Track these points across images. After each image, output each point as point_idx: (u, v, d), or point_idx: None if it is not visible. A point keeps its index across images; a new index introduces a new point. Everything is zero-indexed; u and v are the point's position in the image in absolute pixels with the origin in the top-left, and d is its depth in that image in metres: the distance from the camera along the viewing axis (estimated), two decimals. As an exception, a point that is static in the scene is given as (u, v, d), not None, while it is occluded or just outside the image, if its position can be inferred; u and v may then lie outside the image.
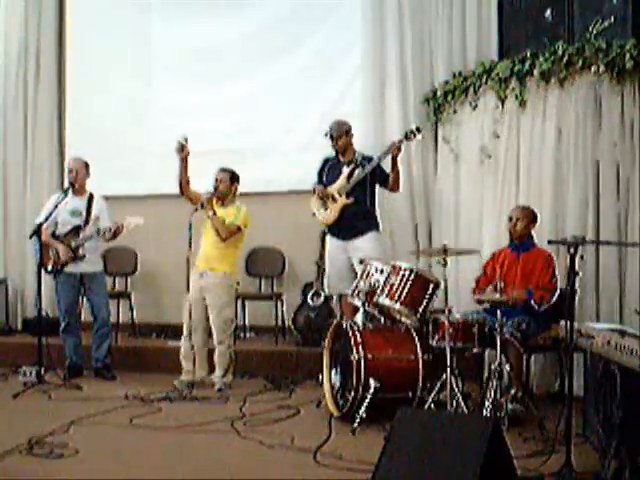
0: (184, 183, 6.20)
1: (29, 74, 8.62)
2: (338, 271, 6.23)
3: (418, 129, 6.25)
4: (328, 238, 6.39)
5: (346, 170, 6.24)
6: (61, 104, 8.74)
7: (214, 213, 6.09)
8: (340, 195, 6.19)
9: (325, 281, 6.48)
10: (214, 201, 6.15)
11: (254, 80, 8.07)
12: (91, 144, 7.96)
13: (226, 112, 8.07)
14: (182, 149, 6.07)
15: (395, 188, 6.33)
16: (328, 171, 6.35)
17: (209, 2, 8.26)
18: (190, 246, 6.00)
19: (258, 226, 6.50)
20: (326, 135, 6.26)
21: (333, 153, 6.38)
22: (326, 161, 6.43)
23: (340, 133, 6.23)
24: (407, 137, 6.19)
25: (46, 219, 6.31)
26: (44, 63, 8.64)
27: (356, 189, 6.18)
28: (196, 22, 8.25)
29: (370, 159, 6.24)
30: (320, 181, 6.38)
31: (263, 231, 7.33)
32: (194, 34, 8.24)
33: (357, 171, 6.19)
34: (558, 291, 5.26)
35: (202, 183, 6.26)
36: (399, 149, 6.09)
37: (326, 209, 6.26)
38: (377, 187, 6.33)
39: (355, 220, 6.18)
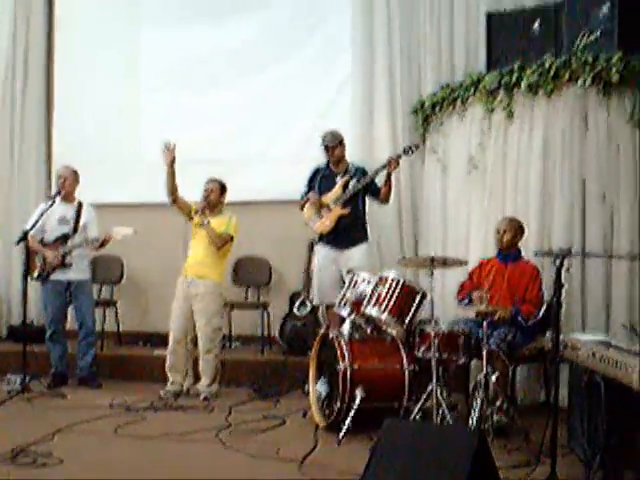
0: (172, 190, 6.17)
1: (16, 81, 8.58)
2: (328, 281, 6.22)
3: (417, 146, 6.31)
4: (319, 248, 6.38)
5: (340, 180, 6.26)
6: (49, 111, 8.71)
7: (208, 222, 6.10)
8: (336, 205, 6.20)
9: (315, 291, 6.47)
10: (206, 210, 6.16)
11: (243, 89, 8.07)
12: (79, 152, 7.95)
13: (215, 121, 8.06)
14: (168, 153, 6.05)
15: (386, 201, 6.36)
16: (321, 181, 6.35)
17: (198, 11, 8.25)
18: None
19: (245, 235, 6.49)
20: (322, 145, 6.27)
21: (323, 163, 6.38)
22: (317, 171, 6.43)
23: (335, 143, 6.25)
24: (405, 152, 6.24)
25: (33, 226, 6.29)
26: (32, 70, 8.61)
27: (350, 200, 6.20)
28: (185, 31, 8.25)
29: (362, 170, 6.27)
30: (309, 191, 6.38)
31: (250, 240, 7.32)
32: (183, 43, 8.24)
33: (352, 182, 6.21)
34: (545, 305, 5.28)
35: (191, 192, 6.26)
36: (397, 164, 6.13)
37: (320, 218, 6.27)
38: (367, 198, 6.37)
39: (350, 230, 6.21)
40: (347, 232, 6.21)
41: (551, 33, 6.24)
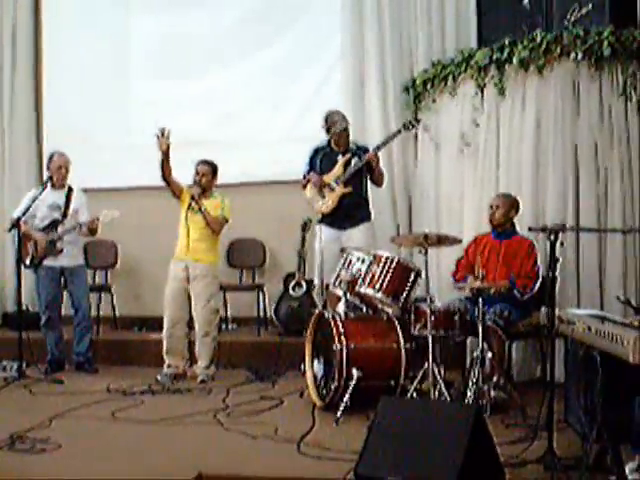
0: (167, 174, 6.13)
1: (5, 68, 8.49)
2: (330, 261, 6.19)
3: (417, 120, 6.29)
4: (322, 228, 6.34)
5: (342, 159, 6.24)
6: (38, 98, 8.63)
7: (205, 208, 6.08)
8: (337, 184, 6.18)
9: (315, 270, 6.44)
10: (201, 196, 6.14)
11: (234, 71, 8.04)
12: (69, 138, 7.85)
13: (206, 104, 8.03)
14: (162, 140, 6.00)
15: (378, 184, 6.39)
16: (322, 160, 6.33)
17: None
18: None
19: (239, 217, 6.47)
20: (324, 127, 6.26)
21: (323, 142, 6.36)
22: (317, 150, 6.40)
23: (342, 133, 6.26)
24: (406, 127, 6.24)
25: (24, 213, 6.27)
26: (20, 57, 8.51)
27: (352, 178, 6.19)
28: (174, 14, 8.19)
29: (365, 148, 6.26)
30: (310, 170, 6.36)
31: (244, 222, 7.29)
32: (172, 26, 8.17)
33: (354, 160, 6.20)
34: (540, 279, 5.29)
35: (182, 174, 6.23)
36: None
37: (323, 197, 6.25)
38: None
39: (352, 210, 6.22)
40: (349, 212, 6.21)
41: (542, 8, 6.20)
